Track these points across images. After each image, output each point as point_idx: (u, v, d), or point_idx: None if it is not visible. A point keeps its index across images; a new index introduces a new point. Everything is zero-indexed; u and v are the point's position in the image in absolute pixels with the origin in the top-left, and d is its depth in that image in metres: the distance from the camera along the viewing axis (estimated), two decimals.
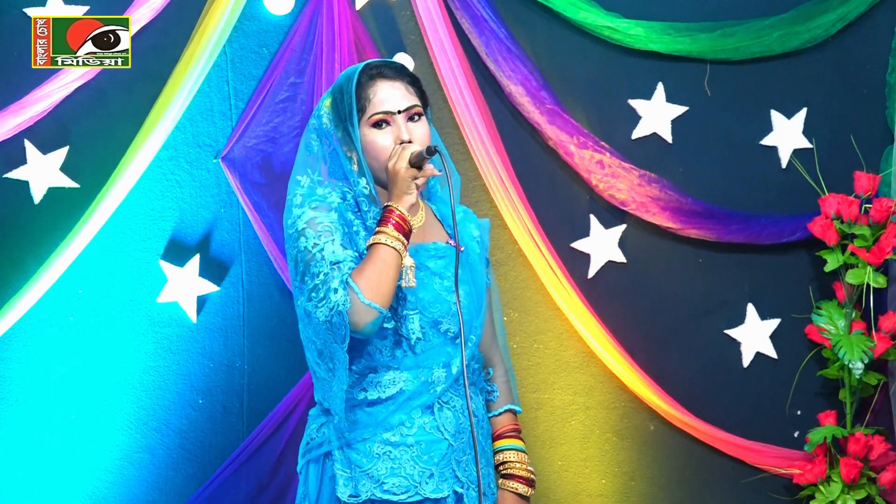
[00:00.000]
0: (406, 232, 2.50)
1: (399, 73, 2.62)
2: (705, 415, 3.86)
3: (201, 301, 3.76)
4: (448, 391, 2.59)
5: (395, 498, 2.54)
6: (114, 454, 3.73)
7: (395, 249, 2.48)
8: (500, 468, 2.67)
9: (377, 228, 2.49)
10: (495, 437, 2.70)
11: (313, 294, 2.48)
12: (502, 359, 2.76)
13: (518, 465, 2.67)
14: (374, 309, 2.46)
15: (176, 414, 3.76)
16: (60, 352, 3.73)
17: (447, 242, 2.65)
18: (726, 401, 3.91)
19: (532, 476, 2.68)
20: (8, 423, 3.72)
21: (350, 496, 2.54)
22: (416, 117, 2.60)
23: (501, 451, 2.68)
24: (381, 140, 2.57)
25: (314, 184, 2.59)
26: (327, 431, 2.59)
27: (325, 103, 2.63)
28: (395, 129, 2.57)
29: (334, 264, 2.49)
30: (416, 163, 2.51)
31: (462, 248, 2.63)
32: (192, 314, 3.75)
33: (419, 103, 2.60)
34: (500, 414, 2.71)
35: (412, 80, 2.63)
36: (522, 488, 2.66)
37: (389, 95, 2.58)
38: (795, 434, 3.91)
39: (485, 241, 2.74)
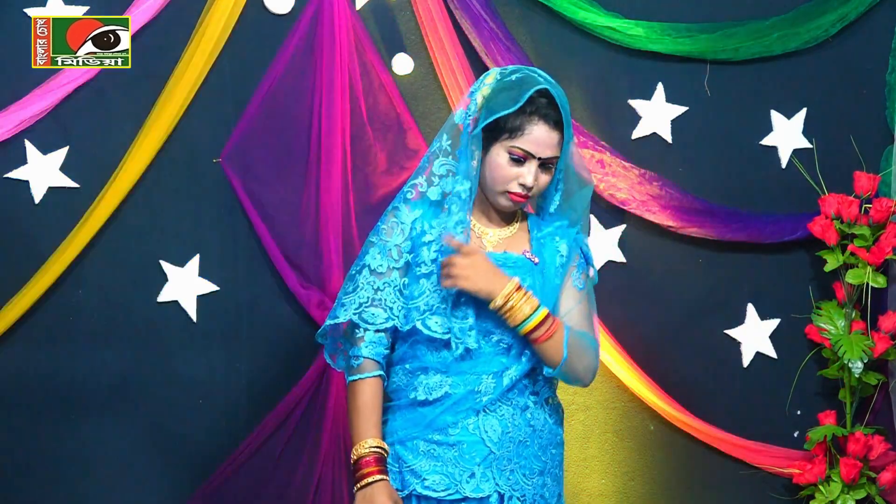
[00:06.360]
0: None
1: (560, 123, 2.62)
2: (705, 415, 3.86)
3: (201, 301, 3.76)
4: (497, 401, 2.61)
5: (435, 494, 2.59)
6: (113, 455, 3.73)
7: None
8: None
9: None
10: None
11: (343, 290, 2.66)
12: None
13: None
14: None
15: (176, 414, 3.75)
16: (60, 352, 3.72)
17: (522, 253, 2.68)
18: (726, 401, 3.91)
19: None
20: (7, 423, 3.71)
21: (397, 490, 2.60)
22: (549, 167, 2.64)
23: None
24: (508, 170, 2.61)
25: (431, 173, 2.66)
26: (385, 428, 2.65)
27: (484, 91, 2.63)
28: (526, 168, 2.61)
29: (376, 284, 2.63)
30: None
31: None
32: (192, 314, 3.75)
33: (558, 156, 2.64)
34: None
35: (564, 133, 2.64)
36: None
37: (541, 141, 2.60)
38: (795, 434, 3.91)
39: (571, 256, 2.72)
